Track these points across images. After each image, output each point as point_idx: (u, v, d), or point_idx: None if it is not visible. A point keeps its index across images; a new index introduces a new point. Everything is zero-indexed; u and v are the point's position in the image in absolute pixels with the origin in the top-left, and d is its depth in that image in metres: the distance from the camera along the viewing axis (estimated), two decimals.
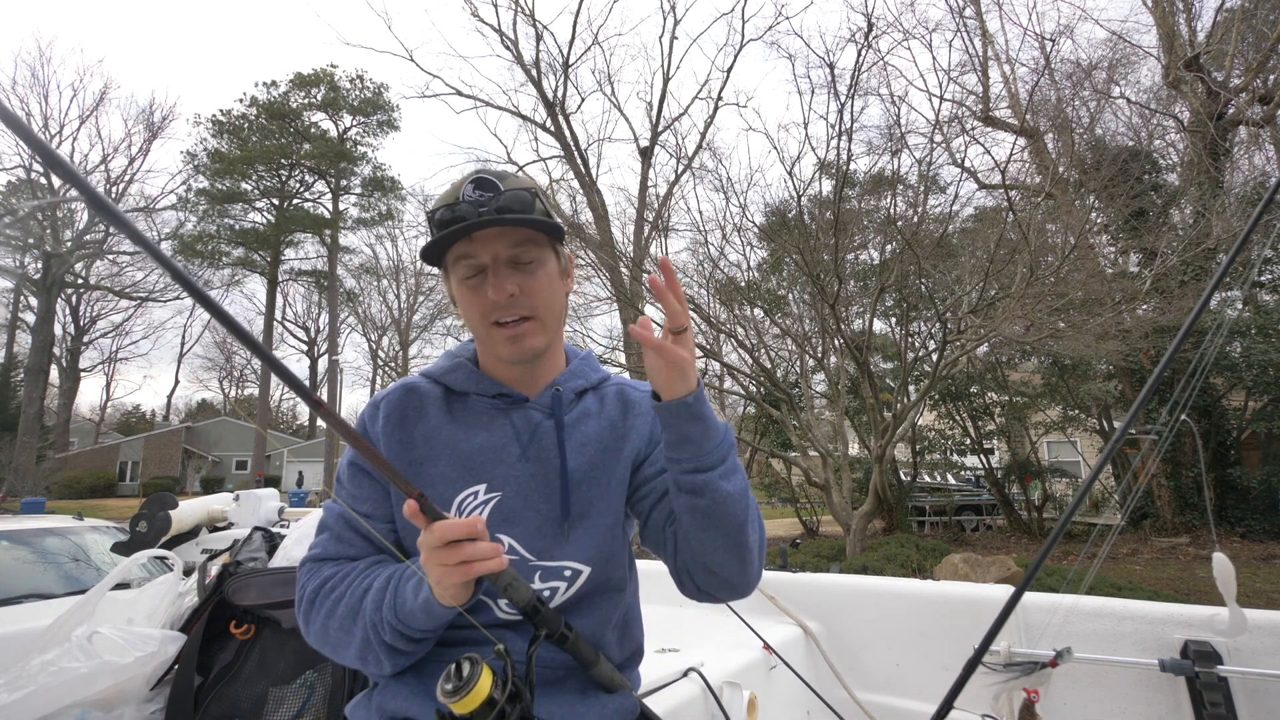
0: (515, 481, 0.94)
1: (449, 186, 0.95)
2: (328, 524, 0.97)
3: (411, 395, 1.00)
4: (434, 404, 0.99)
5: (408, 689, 0.89)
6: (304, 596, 0.92)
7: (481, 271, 0.92)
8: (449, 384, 1.01)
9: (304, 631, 0.92)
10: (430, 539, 0.75)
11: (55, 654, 1.46)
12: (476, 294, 0.92)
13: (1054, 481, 14.53)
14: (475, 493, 0.93)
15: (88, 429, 43.46)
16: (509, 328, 0.92)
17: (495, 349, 0.95)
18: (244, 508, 3.71)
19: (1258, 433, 12.47)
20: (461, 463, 0.94)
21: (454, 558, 0.74)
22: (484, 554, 0.75)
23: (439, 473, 0.94)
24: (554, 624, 0.85)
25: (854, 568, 8.20)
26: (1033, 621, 1.80)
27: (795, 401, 10.94)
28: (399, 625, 0.83)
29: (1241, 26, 11.99)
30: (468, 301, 0.93)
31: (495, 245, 0.91)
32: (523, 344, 0.93)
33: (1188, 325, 1.26)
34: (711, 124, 15.14)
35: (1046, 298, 8.69)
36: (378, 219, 33.97)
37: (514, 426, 0.97)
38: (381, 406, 0.99)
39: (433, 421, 0.97)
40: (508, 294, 0.90)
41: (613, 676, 0.93)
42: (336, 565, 0.93)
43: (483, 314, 0.92)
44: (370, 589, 0.86)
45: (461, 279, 0.93)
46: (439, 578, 0.76)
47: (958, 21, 12.19)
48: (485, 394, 0.99)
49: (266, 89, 31.55)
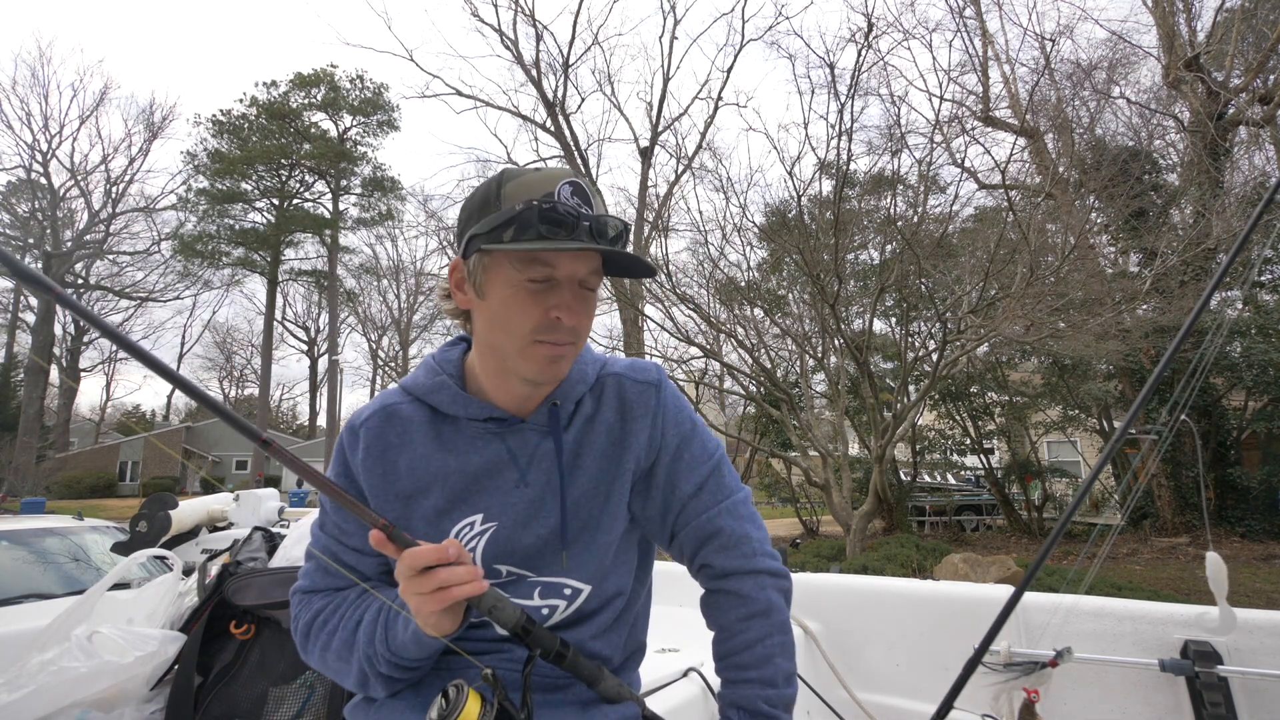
0: (512, 509, 0.89)
1: (532, 174, 0.85)
2: (313, 554, 0.94)
3: (393, 422, 0.92)
4: (419, 430, 0.92)
5: (405, 704, 0.89)
6: (298, 629, 0.92)
7: (550, 283, 0.83)
8: (434, 404, 0.92)
9: (304, 658, 0.92)
10: (402, 568, 0.73)
11: (55, 654, 1.46)
12: (535, 302, 0.82)
13: (1054, 481, 14.53)
14: (471, 524, 0.89)
15: (88, 429, 43.46)
16: (555, 348, 0.84)
17: (524, 364, 0.85)
18: (244, 508, 3.70)
19: (1258, 433, 12.48)
20: (455, 495, 0.89)
21: (428, 585, 0.72)
22: (459, 578, 0.72)
23: (431, 505, 0.89)
24: (548, 643, 0.83)
25: (854, 568, 8.21)
26: (1033, 621, 1.80)
27: (795, 401, 10.94)
28: (392, 657, 0.82)
29: (1241, 26, 11.99)
30: (519, 305, 0.83)
31: (578, 265, 0.83)
32: (560, 366, 0.87)
33: (1188, 325, 1.25)
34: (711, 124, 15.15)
35: (1046, 298, 8.69)
36: (378, 219, 33.98)
37: (510, 450, 0.91)
38: (361, 435, 0.92)
39: (419, 450, 0.91)
40: (579, 319, 0.85)
41: (619, 691, 0.90)
42: (326, 597, 0.92)
43: (534, 325, 0.83)
44: (362, 622, 0.86)
45: (525, 281, 0.82)
46: (417, 607, 0.74)
47: (958, 21, 12.21)
48: (476, 418, 0.91)
49: (266, 89, 31.57)
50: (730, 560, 0.95)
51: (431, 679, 0.91)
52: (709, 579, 0.97)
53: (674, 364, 12.87)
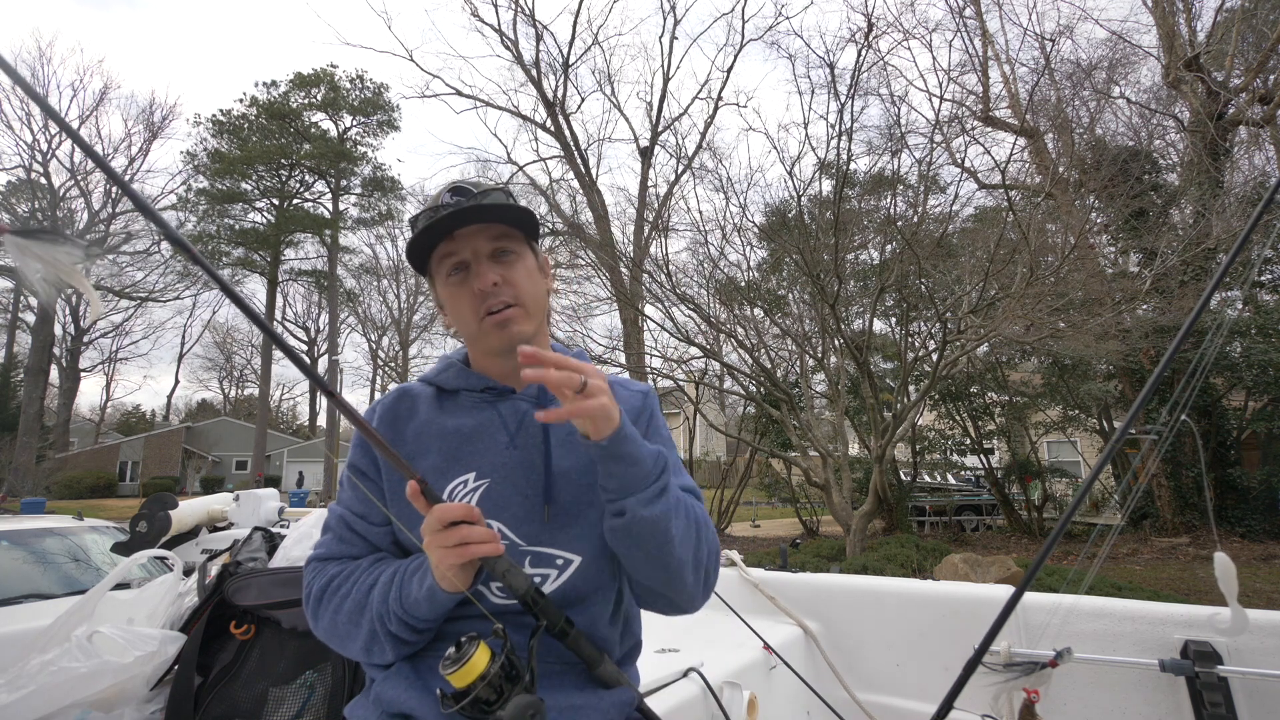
0: (503, 469, 0.97)
1: (430, 199, 1.04)
2: (330, 525, 1.02)
3: (404, 398, 1.06)
4: (425, 403, 1.04)
5: (405, 682, 0.92)
6: (311, 594, 0.97)
7: (465, 268, 0.98)
8: (440, 383, 1.06)
9: (311, 625, 0.97)
10: (430, 521, 0.80)
11: (55, 654, 1.46)
12: (462, 289, 0.98)
13: (1054, 481, 14.53)
14: (465, 480, 0.96)
15: (88, 429, 43.46)
16: (495, 316, 0.97)
17: (486, 341, 0.99)
18: (244, 508, 3.70)
19: (1258, 433, 12.47)
20: (450, 453, 0.98)
21: (452, 539, 0.79)
22: (481, 537, 0.80)
23: (429, 464, 0.98)
24: (554, 617, 0.87)
25: (854, 568, 8.21)
26: (1033, 621, 1.80)
27: (795, 401, 10.93)
28: (403, 615, 0.88)
29: (1241, 26, 11.99)
30: (455, 299, 0.99)
31: (476, 241, 0.98)
32: (509, 329, 0.97)
33: (1188, 325, 1.25)
34: (711, 124, 15.16)
35: (1046, 298, 8.69)
36: (378, 219, 33.97)
37: (501, 416, 1.01)
38: (377, 410, 1.05)
39: (423, 417, 1.02)
40: (490, 282, 0.96)
41: (617, 678, 0.94)
42: (340, 564, 0.98)
43: (472, 307, 0.97)
44: (376, 583, 0.91)
45: (446, 277, 0.99)
46: (439, 559, 0.81)
47: (958, 21, 12.21)
48: (473, 388, 1.03)
49: (266, 89, 31.55)
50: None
51: (430, 659, 0.93)
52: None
53: (674, 364, 12.87)
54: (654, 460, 0.88)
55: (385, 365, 36.66)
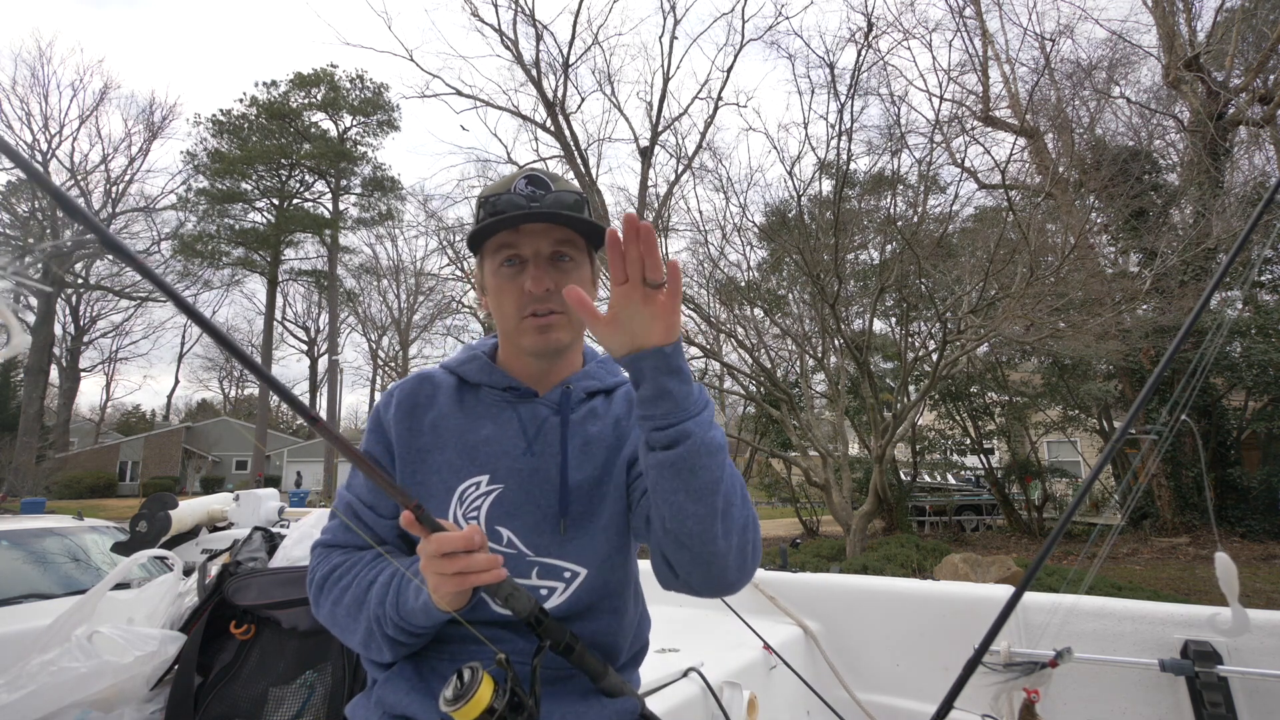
0: (518, 475, 0.95)
1: (501, 179, 0.99)
2: (336, 514, 1.01)
3: (425, 384, 1.03)
4: (445, 393, 1.02)
5: (407, 684, 0.91)
6: (314, 580, 0.96)
7: (520, 263, 0.95)
8: (463, 375, 1.03)
9: (314, 611, 0.96)
10: (427, 548, 0.76)
11: (55, 654, 1.46)
12: (512, 284, 0.95)
13: (1054, 481, 14.53)
14: (478, 483, 0.94)
15: (88, 429, 43.44)
16: (540, 319, 0.94)
17: (522, 340, 0.96)
18: (244, 508, 3.70)
19: (1258, 433, 12.48)
20: (466, 452, 0.96)
21: (450, 568, 0.75)
22: (480, 566, 0.75)
23: (444, 460, 0.96)
24: (558, 635, 0.85)
25: (854, 568, 8.21)
26: (1033, 621, 1.80)
27: (795, 401, 10.93)
28: (400, 622, 0.86)
29: (1241, 26, 11.99)
30: (501, 290, 0.96)
31: (539, 241, 0.95)
32: (550, 335, 0.95)
33: (1188, 325, 1.25)
34: (711, 124, 15.11)
35: (1046, 298, 8.70)
36: (378, 219, 33.96)
37: (521, 420, 0.98)
38: (395, 394, 1.03)
39: (442, 409, 1.00)
40: (544, 287, 0.93)
41: (621, 688, 0.92)
42: (345, 553, 0.97)
43: (517, 304, 0.95)
44: (375, 583, 0.89)
45: (499, 266, 0.96)
46: (435, 585, 0.78)
47: (958, 21, 12.20)
48: (496, 386, 1.01)
49: (266, 89, 31.57)
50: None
51: (433, 660, 0.93)
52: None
53: None
54: (700, 387, 0.83)
55: (385, 365, 36.64)
